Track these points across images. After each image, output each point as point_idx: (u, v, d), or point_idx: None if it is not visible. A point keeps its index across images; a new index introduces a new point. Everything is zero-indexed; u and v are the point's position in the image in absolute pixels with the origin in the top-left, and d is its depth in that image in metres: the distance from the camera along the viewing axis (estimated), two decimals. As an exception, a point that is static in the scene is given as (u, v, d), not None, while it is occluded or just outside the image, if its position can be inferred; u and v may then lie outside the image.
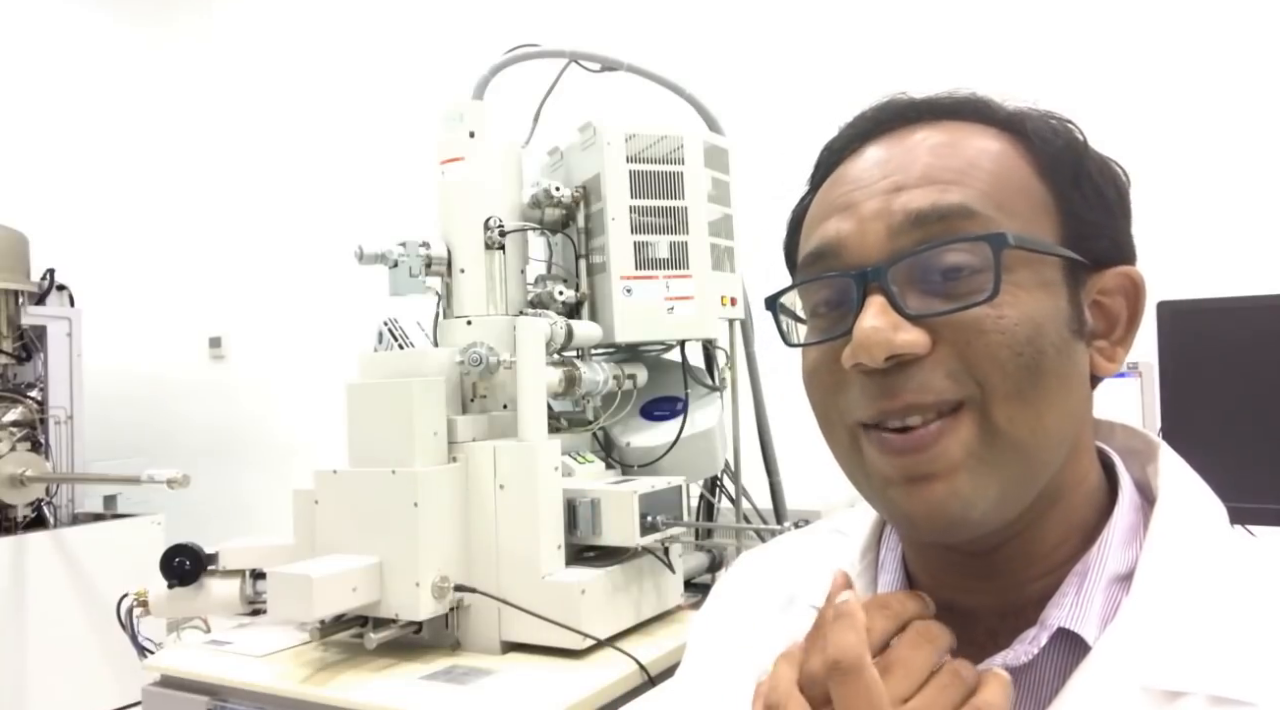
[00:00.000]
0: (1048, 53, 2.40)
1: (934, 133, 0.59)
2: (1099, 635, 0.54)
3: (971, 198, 0.55)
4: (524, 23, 2.84)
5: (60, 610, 3.04)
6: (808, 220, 0.63)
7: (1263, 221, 2.19)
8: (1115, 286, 0.59)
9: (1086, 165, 0.59)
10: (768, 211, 1.18)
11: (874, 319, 0.54)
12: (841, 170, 0.61)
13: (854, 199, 0.58)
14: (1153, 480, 0.61)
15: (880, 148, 0.60)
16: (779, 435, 2.18)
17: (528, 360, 1.67)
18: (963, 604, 0.60)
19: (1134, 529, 0.59)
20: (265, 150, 3.91)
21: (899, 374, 0.54)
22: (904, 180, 0.57)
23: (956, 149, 0.58)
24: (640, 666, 1.53)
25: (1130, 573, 0.56)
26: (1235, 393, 1.59)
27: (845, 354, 0.55)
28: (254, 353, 3.95)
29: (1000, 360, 0.53)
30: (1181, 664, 0.52)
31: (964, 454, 0.54)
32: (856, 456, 0.58)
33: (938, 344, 0.54)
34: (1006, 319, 0.54)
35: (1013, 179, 0.57)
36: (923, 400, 0.54)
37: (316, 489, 1.68)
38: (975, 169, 0.57)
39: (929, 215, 0.55)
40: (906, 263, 0.55)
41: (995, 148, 0.58)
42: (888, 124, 0.61)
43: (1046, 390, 0.54)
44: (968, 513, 0.54)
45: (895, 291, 0.55)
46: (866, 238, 0.57)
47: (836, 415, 0.59)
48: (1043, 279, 0.55)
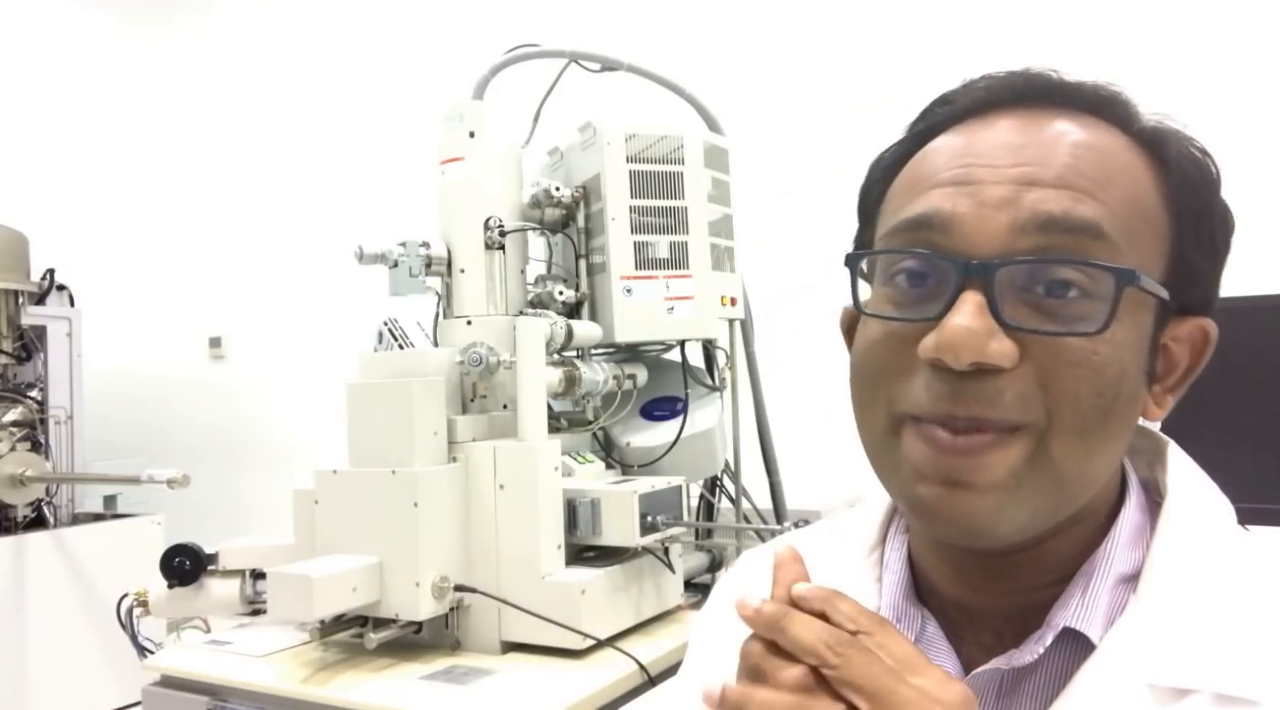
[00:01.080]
0: (1048, 53, 2.40)
1: (1076, 129, 0.55)
2: (1104, 634, 0.54)
3: (1104, 217, 0.51)
4: (524, 23, 2.84)
5: (60, 610, 3.04)
6: (910, 178, 0.57)
7: (1263, 221, 2.19)
8: (1187, 335, 0.57)
9: (1214, 207, 0.56)
10: (768, 211, 1.19)
11: (970, 319, 0.50)
12: (963, 136, 0.56)
13: (977, 177, 0.53)
14: (1160, 479, 0.61)
15: (1014, 125, 0.55)
16: (779, 435, 2.18)
17: (528, 360, 1.67)
18: (971, 604, 0.60)
19: (1141, 529, 0.59)
20: (265, 150, 3.90)
21: (974, 382, 0.51)
22: (1039, 175, 0.52)
23: (1098, 157, 0.53)
24: (640, 666, 1.53)
25: (1137, 573, 0.56)
26: (1235, 393, 1.58)
27: (927, 344, 0.51)
28: (254, 353, 3.95)
29: (1079, 396, 0.51)
30: (1187, 662, 0.52)
31: (1007, 474, 0.52)
32: (890, 442, 0.56)
33: (1023, 360, 0.51)
34: (1100, 356, 0.51)
35: (1144, 206, 0.54)
36: (989, 415, 0.51)
37: (316, 489, 1.68)
38: (1113, 186, 0.53)
39: (1059, 222, 0.51)
40: (1020, 268, 0.51)
41: (1136, 165, 0.55)
42: (1027, 99, 0.56)
43: (1108, 434, 0.53)
44: (991, 530, 0.53)
45: (996, 293, 0.51)
46: (984, 225, 0.52)
47: (884, 398, 0.55)
48: (1138, 320, 0.53)
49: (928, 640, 0.60)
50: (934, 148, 0.57)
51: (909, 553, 0.65)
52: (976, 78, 0.59)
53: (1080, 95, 0.56)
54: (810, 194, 2.69)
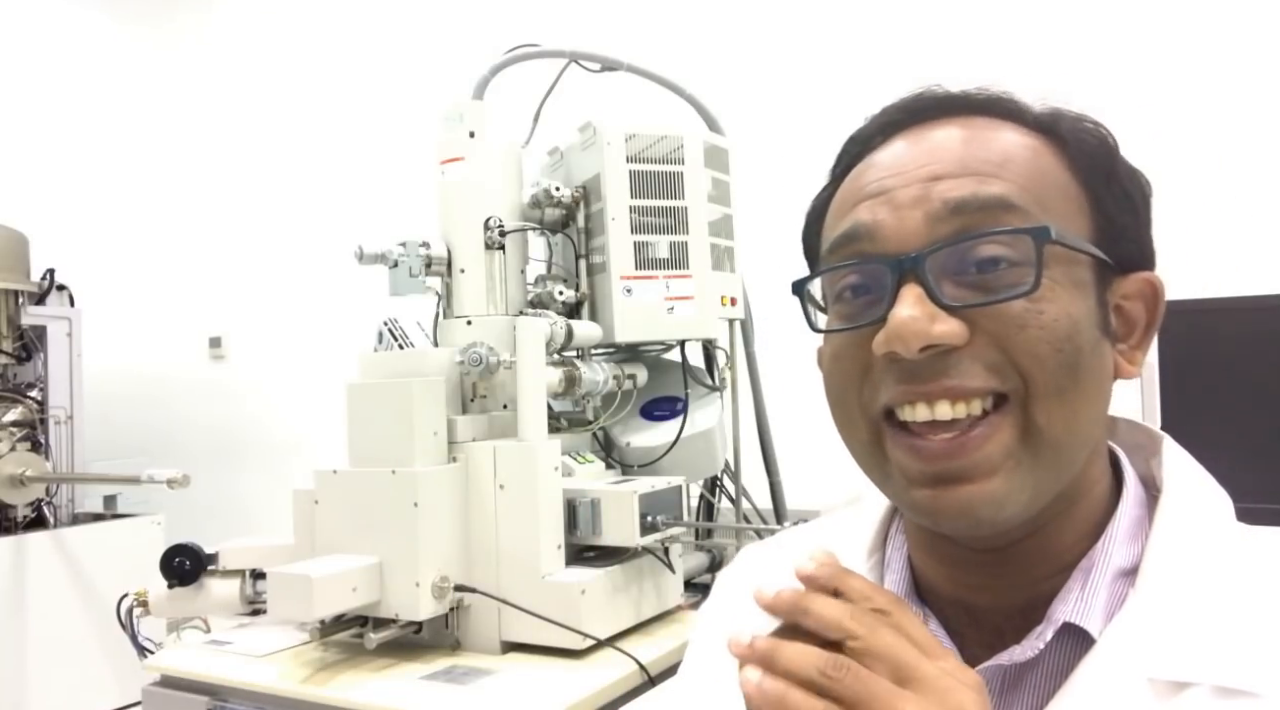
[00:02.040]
0: (1048, 54, 2.40)
1: (967, 128, 0.59)
2: (1104, 628, 0.55)
3: (1011, 191, 0.55)
4: (524, 23, 2.84)
5: (60, 610, 3.04)
6: (834, 207, 0.62)
7: (1262, 221, 2.19)
8: (1136, 291, 0.59)
9: (1118, 168, 0.59)
10: (767, 211, 1.19)
11: (910, 308, 0.53)
12: (872, 158, 0.60)
13: (889, 186, 0.57)
14: (1156, 474, 0.61)
15: (912, 139, 0.59)
16: (779, 435, 2.18)
17: (528, 360, 1.67)
18: (971, 602, 0.60)
19: (1139, 523, 0.59)
20: (265, 150, 3.90)
21: (935, 362, 0.53)
22: (942, 169, 0.56)
23: (994, 141, 0.57)
24: (640, 666, 1.53)
25: (1135, 567, 0.57)
26: (1235, 393, 1.59)
27: (878, 341, 0.54)
28: (254, 353, 3.95)
29: (1041, 356, 0.53)
30: (1187, 655, 0.52)
31: (1003, 456, 0.54)
32: (877, 453, 0.58)
33: (975, 336, 0.53)
34: (1046, 314, 0.53)
35: (1050, 176, 0.57)
36: (960, 385, 0.53)
37: (316, 489, 1.68)
38: (1013, 164, 0.56)
39: (969, 204, 0.54)
40: (945, 252, 0.54)
41: (1031, 142, 0.58)
42: (920, 116, 0.60)
43: (1084, 389, 0.54)
44: (998, 513, 0.54)
45: (931, 281, 0.54)
46: (904, 225, 0.56)
47: (858, 407, 0.58)
48: (1075, 278, 0.55)
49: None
50: (851, 176, 0.62)
51: (909, 552, 0.65)
52: (878, 111, 0.63)
53: (969, 101, 0.60)
54: (810, 194, 2.68)
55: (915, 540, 0.65)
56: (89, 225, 4.00)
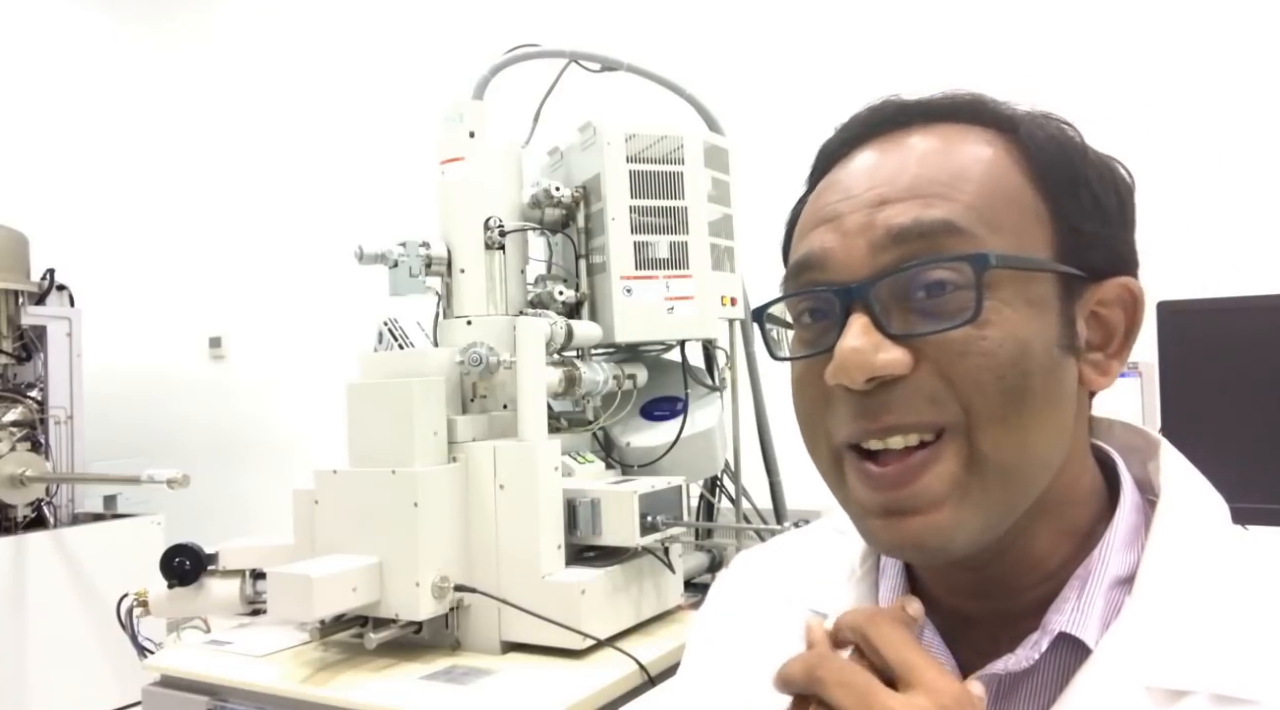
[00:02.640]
0: (1048, 52, 2.40)
1: (926, 138, 0.58)
2: (1100, 637, 0.54)
3: (956, 213, 0.54)
4: (524, 23, 2.84)
5: (60, 610, 3.04)
6: (799, 227, 0.62)
7: (1262, 221, 2.19)
8: (1114, 298, 0.58)
9: (1084, 171, 0.57)
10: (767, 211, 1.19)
11: (855, 339, 0.53)
12: (831, 176, 0.60)
13: (839, 211, 0.57)
14: (1154, 478, 0.61)
15: (870, 154, 0.59)
16: (779, 435, 2.17)
17: (528, 360, 1.67)
18: (965, 610, 0.60)
19: (1135, 530, 0.58)
20: (265, 150, 3.90)
21: (881, 394, 0.53)
22: (889, 193, 0.55)
23: (947, 157, 0.56)
24: (640, 666, 1.53)
25: (1132, 575, 0.56)
26: (1235, 393, 1.59)
27: (827, 373, 0.54)
28: (254, 353, 3.95)
29: (982, 383, 0.52)
30: (1184, 663, 0.52)
31: (948, 487, 0.53)
32: (839, 477, 0.58)
33: (920, 364, 0.53)
34: (990, 340, 0.52)
35: (1003, 188, 0.56)
36: (903, 421, 0.53)
37: (316, 489, 1.68)
38: (963, 180, 0.55)
39: (910, 231, 0.54)
40: (889, 281, 0.54)
41: (988, 154, 0.57)
42: (880, 128, 0.60)
43: (1032, 413, 0.53)
44: (947, 545, 0.54)
45: (878, 310, 0.54)
46: (850, 253, 0.56)
47: (822, 433, 0.58)
48: (1030, 296, 0.54)
49: (925, 644, 0.59)
50: (814, 194, 0.61)
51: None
52: (842, 123, 0.62)
53: (930, 108, 0.59)
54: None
55: None
56: (89, 225, 4.00)
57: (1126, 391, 1.87)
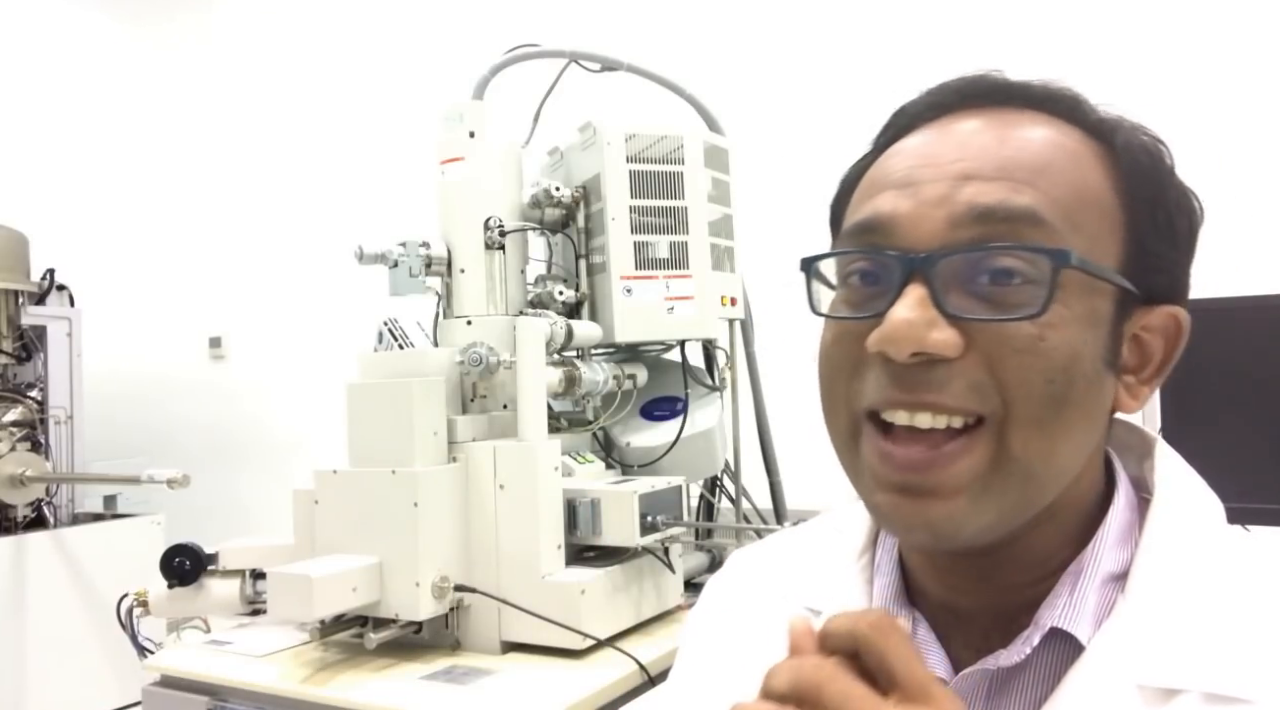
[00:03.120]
0: (1048, 52, 2.40)
1: (1020, 123, 0.56)
2: (1093, 634, 0.54)
3: (1042, 204, 0.52)
4: (524, 23, 2.84)
5: (60, 610, 3.04)
6: (865, 184, 0.59)
7: (1263, 221, 2.19)
8: (1159, 325, 0.57)
9: (1167, 191, 0.56)
10: (767, 211, 1.20)
11: (909, 310, 0.51)
12: (911, 140, 0.58)
13: (918, 177, 0.55)
14: (1148, 477, 0.61)
15: (960, 126, 0.56)
16: (779, 435, 2.17)
17: (528, 360, 1.67)
18: (959, 605, 0.60)
19: (1129, 528, 0.58)
20: (265, 150, 3.90)
21: (921, 371, 0.52)
22: (976, 169, 0.53)
23: (1039, 146, 0.54)
24: (640, 666, 1.53)
25: (1125, 572, 0.56)
26: (1235, 393, 1.58)
27: (871, 339, 0.52)
28: (254, 353, 3.95)
29: (1030, 383, 0.51)
30: (1177, 661, 0.52)
31: (970, 479, 0.52)
32: (853, 447, 0.57)
33: (969, 349, 0.51)
34: (1047, 341, 0.51)
35: (1089, 190, 0.54)
36: (940, 402, 0.52)
37: (316, 489, 1.68)
38: (1053, 172, 0.53)
39: (994, 213, 0.52)
40: (958, 258, 0.52)
41: (1080, 153, 0.55)
42: (973, 101, 0.57)
43: (1067, 423, 0.52)
44: (957, 533, 0.53)
45: (938, 285, 0.52)
46: (923, 222, 0.53)
47: (843, 398, 0.56)
48: (1091, 305, 0.53)
49: (918, 642, 0.59)
50: (886, 155, 0.59)
51: (899, 554, 0.64)
52: (932, 86, 0.60)
53: (1027, 93, 0.57)
54: (811, 193, 2.68)
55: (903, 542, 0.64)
56: (89, 225, 4.00)
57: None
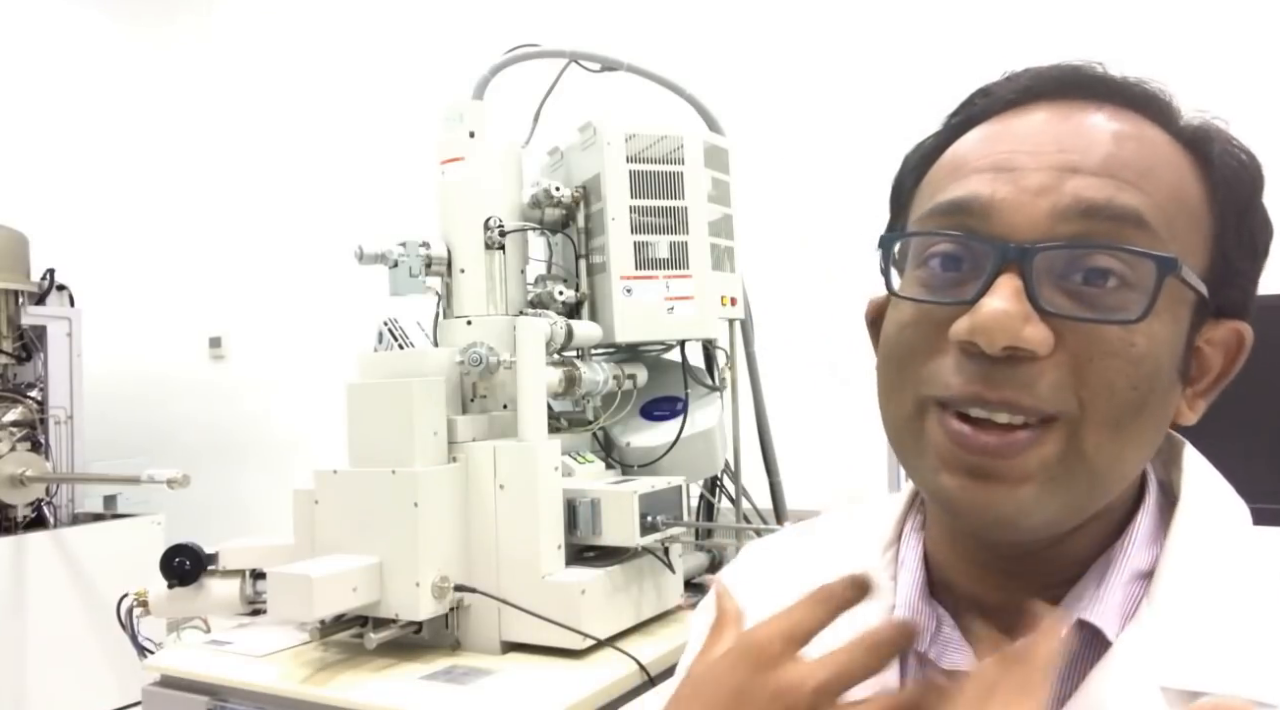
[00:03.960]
0: (1047, 52, 2.40)
1: (1120, 121, 0.54)
2: (1119, 631, 0.54)
3: (1147, 206, 0.51)
4: (524, 23, 2.84)
5: (60, 610, 3.04)
6: (949, 164, 0.57)
7: (1263, 221, 2.19)
8: (1221, 339, 0.57)
9: (1255, 208, 0.56)
10: (767, 211, 1.20)
11: (1006, 302, 0.49)
12: (1004, 124, 0.56)
13: (1019, 163, 0.53)
14: (1175, 480, 0.60)
15: (1056, 115, 0.55)
16: (779, 435, 2.17)
17: (528, 360, 1.67)
18: (986, 600, 0.59)
19: (1156, 528, 0.58)
20: (265, 150, 3.90)
21: (1009, 366, 0.50)
22: (1081, 162, 0.52)
23: (1142, 148, 0.53)
24: (640, 666, 1.53)
25: (1151, 570, 0.56)
26: (1236, 393, 1.58)
27: (959, 327, 0.51)
28: (254, 353, 3.95)
29: (1115, 388, 0.50)
30: (1201, 664, 0.51)
31: (1039, 468, 0.51)
32: (914, 428, 0.55)
33: (1058, 348, 0.50)
34: (1138, 347, 0.50)
35: (1186, 200, 0.53)
36: (1022, 401, 0.50)
37: (316, 489, 1.68)
38: (1155, 177, 0.52)
39: (1101, 210, 0.51)
40: (1059, 252, 0.51)
41: (1178, 161, 0.54)
42: (1070, 91, 0.56)
43: (1141, 429, 0.52)
44: (1020, 521, 0.52)
45: (1034, 279, 0.50)
46: (1024, 210, 0.51)
47: (911, 381, 0.55)
48: (1176, 314, 0.52)
49: (944, 639, 0.59)
50: (973, 136, 0.57)
51: (925, 549, 0.64)
52: (1019, 70, 0.58)
53: (1123, 90, 0.56)
54: (811, 193, 2.68)
55: (938, 533, 0.63)
56: (89, 225, 4.00)
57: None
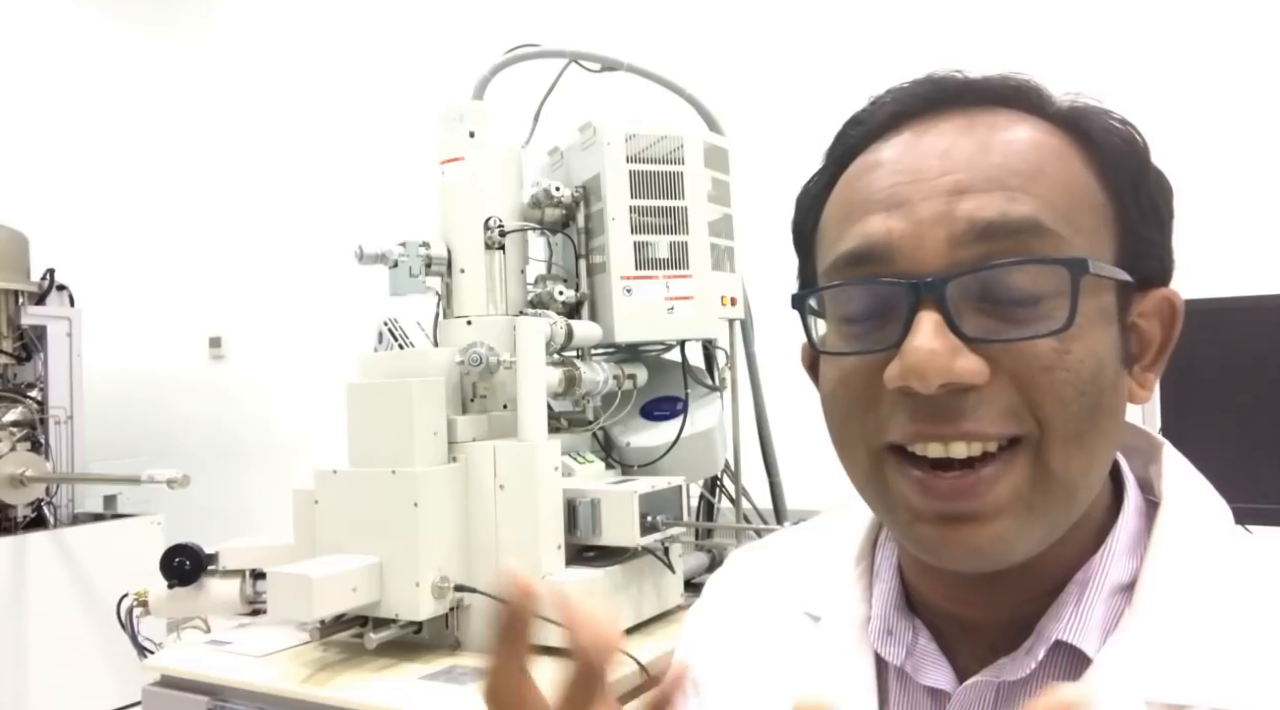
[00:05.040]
0: (1048, 52, 2.40)
1: (996, 123, 0.53)
2: (1100, 647, 0.53)
3: (1042, 211, 0.50)
4: (524, 23, 2.84)
5: (60, 610, 3.04)
6: (838, 206, 0.56)
7: (1263, 221, 2.19)
8: (1153, 309, 0.56)
9: (1148, 174, 0.55)
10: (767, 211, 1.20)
11: (930, 340, 0.48)
12: (883, 154, 0.54)
13: (907, 196, 0.51)
14: (1155, 481, 0.59)
15: (932, 134, 0.53)
16: (779, 435, 2.17)
17: (528, 360, 1.67)
18: (965, 617, 0.58)
19: (1138, 536, 0.57)
20: (265, 150, 3.90)
21: (952, 400, 0.49)
22: (968, 180, 0.51)
23: (1024, 147, 0.52)
24: (640, 666, 1.53)
25: (1132, 582, 0.55)
26: (1235, 393, 1.59)
27: (891, 373, 0.50)
28: (254, 353, 3.95)
29: (1065, 400, 0.49)
30: (1185, 676, 0.50)
31: (1012, 498, 0.50)
32: (878, 481, 0.54)
33: (995, 374, 0.49)
34: (1073, 355, 0.49)
35: (1080, 188, 0.52)
36: (978, 429, 0.49)
37: (316, 489, 1.68)
38: (1044, 176, 0.51)
39: (997, 228, 0.49)
40: (969, 278, 0.49)
41: (1062, 149, 0.53)
42: (936, 105, 0.55)
43: (1102, 432, 0.51)
44: (1008, 555, 0.51)
45: (952, 309, 0.49)
46: (924, 244, 0.50)
47: (860, 435, 0.54)
48: (1103, 307, 0.52)
49: (920, 652, 0.58)
50: (856, 170, 0.56)
51: (899, 562, 0.63)
52: (883, 93, 0.57)
53: (989, 90, 0.55)
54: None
55: (906, 553, 0.62)
56: (89, 225, 4.00)
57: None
